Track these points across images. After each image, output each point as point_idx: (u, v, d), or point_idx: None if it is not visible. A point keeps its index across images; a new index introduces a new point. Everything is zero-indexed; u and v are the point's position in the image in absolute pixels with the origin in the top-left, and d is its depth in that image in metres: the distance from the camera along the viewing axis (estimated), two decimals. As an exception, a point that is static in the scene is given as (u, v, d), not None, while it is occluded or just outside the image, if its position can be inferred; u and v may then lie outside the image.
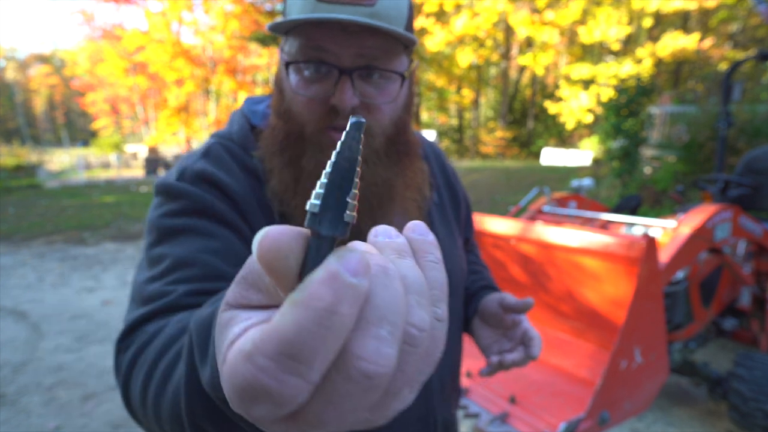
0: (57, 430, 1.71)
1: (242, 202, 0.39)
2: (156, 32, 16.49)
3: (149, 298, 0.34)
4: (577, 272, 1.08)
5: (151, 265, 0.37)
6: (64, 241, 5.03)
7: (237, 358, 0.13)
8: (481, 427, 0.82)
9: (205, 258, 0.35)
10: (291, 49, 0.37)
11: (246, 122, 0.44)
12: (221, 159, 0.41)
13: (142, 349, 0.32)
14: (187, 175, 0.39)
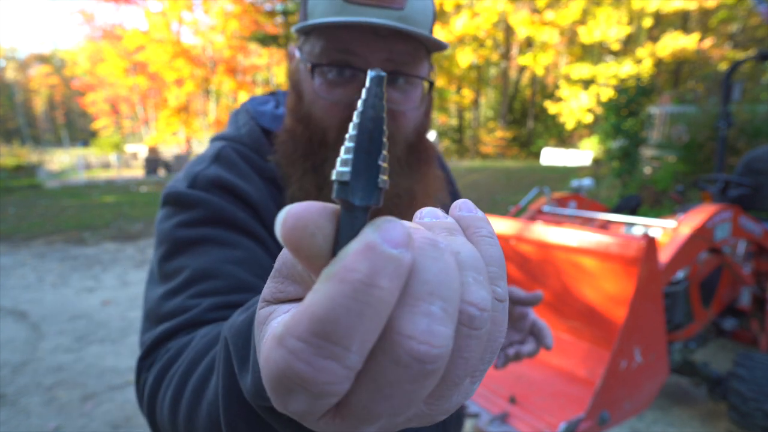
0: (57, 430, 1.71)
1: (262, 210, 0.37)
2: (156, 32, 16.50)
3: (170, 314, 0.32)
4: (577, 272, 1.08)
5: (166, 279, 0.34)
6: (64, 241, 5.03)
7: (269, 345, 0.12)
8: (481, 426, 0.82)
9: (228, 269, 0.33)
10: (313, 50, 0.36)
11: (255, 124, 0.42)
12: (235, 164, 0.38)
13: (168, 366, 0.30)
14: (200, 182, 0.37)
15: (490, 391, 0.94)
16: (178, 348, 0.30)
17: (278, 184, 0.39)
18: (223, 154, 0.39)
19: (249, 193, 0.37)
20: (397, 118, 0.37)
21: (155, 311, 0.34)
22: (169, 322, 0.32)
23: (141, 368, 0.33)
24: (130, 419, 1.78)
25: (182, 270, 0.33)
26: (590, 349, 1.08)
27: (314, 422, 0.13)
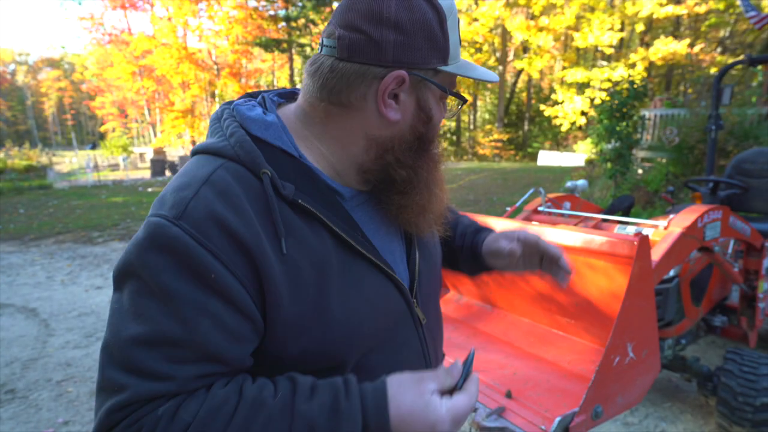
0: (66, 424, 1.72)
1: (251, 247, 0.36)
2: (162, 37, 16.49)
3: (149, 372, 0.33)
4: (572, 271, 1.09)
5: (138, 319, 0.34)
6: (73, 240, 5.08)
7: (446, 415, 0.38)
8: (478, 421, 0.83)
9: (201, 337, 0.34)
10: (445, 81, 0.44)
11: (245, 134, 0.41)
12: (233, 197, 0.37)
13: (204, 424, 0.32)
14: (195, 220, 0.35)
15: (487, 386, 0.95)
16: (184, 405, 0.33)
17: (269, 202, 0.38)
18: (217, 183, 0.37)
19: (240, 234, 0.35)
20: None
21: (125, 354, 0.34)
22: (146, 383, 0.33)
23: (120, 422, 0.33)
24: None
25: (157, 322, 0.34)
26: (584, 346, 1.10)
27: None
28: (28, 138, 30.15)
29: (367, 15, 0.38)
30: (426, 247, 0.52)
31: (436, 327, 0.54)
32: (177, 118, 17.63)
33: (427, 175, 0.45)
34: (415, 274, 0.49)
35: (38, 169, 11.76)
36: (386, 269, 0.44)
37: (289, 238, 0.38)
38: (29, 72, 43.12)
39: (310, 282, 0.39)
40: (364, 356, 0.43)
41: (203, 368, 0.35)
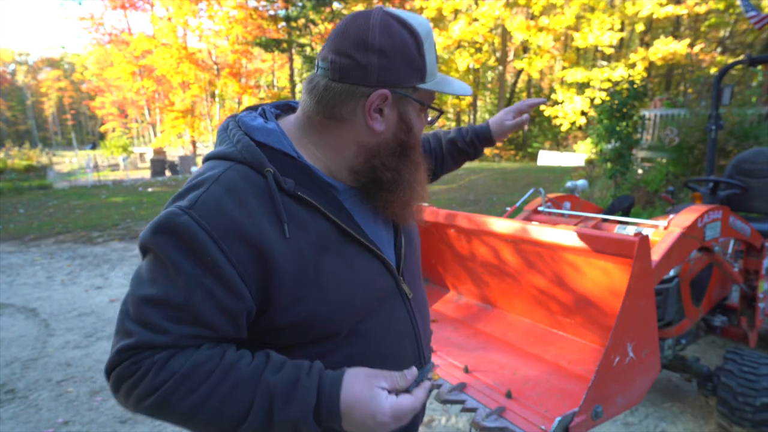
0: (66, 424, 1.72)
1: (256, 240, 0.44)
2: (162, 37, 16.49)
3: (151, 325, 0.42)
4: (572, 270, 1.10)
5: (152, 285, 0.43)
6: (73, 240, 5.09)
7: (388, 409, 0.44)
8: (478, 421, 0.83)
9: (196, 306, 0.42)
10: (423, 96, 0.51)
11: (249, 140, 0.49)
12: (239, 193, 0.45)
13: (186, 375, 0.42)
14: (203, 212, 0.43)
15: (487, 386, 0.95)
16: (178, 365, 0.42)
17: (272, 195, 0.46)
18: (225, 179, 0.46)
19: (242, 224, 0.43)
20: None
21: (137, 309, 0.43)
22: (147, 334, 0.42)
23: (125, 361, 0.42)
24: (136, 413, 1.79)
25: (163, 288, 0.42)
26: (584, 346, 1.10)
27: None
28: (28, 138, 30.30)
29: (355, 43, 0.46)
30: (409, 234, 0.62)
31: (422, 303, 0.63)
32: (177, 118, 17.64)
33: (408, 176, 0.53)
34: (401, 257, 0.58)
35: (38, 169, 11.81)
36: (376, 251, 0.52)
37: (291, 224, 0.46)
38: (29, 72, 43.27)
39: (309, 260, 0.47)
40: (357, 323, 0.51)
41: (194, 330, 0.43)
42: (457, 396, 0.94)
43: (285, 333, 0.48)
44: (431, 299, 1.54)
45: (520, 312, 1.28)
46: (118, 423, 1.74)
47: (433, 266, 1.56)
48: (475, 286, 1.41)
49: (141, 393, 0.42)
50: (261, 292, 0.45)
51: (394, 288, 0.55)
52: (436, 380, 1.00)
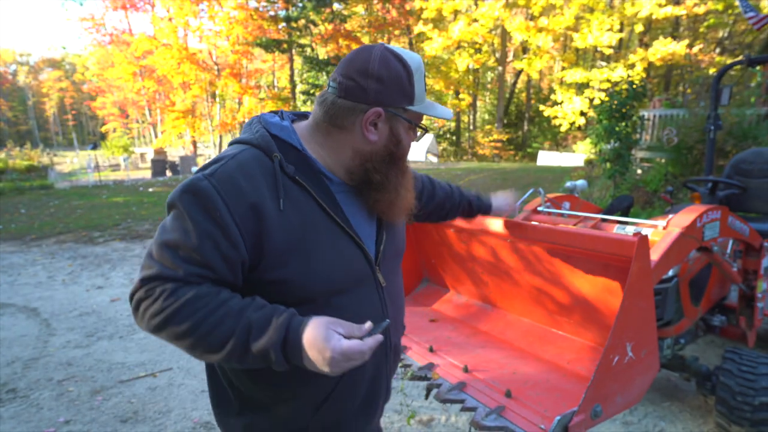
0: (67, 423, 1.73)
1: (256, 205, 0.56)
2: (163, 37, 16.48)
3: (167, 262, 0.53)
4: (571, 270, 1.10)
5: (173, 231, 0.54)
6: (74, 240, 5.11)
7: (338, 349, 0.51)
8: (477, 420, 0.83)
9: (203, 253, 0.54)
10: (412, 116, 0.64)
11: (266, 131, 0.62)
12: (248, 168, 0.57)
13: (188, 302, 0.52)
14: (219, 179, 0.55)
15: (487, 386, 0.96)
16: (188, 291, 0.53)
17: (275, 175, 0.58)
18: (240, 157, 0.58)
19: (246, 191, 0.55)
20: None
21: (158, 250, 0.54)
22: (164, 269, 0.53)
23: (145, 287, 0.53)
24: (137, 412, 1.81)
25: (180, 234, 0.54)
26: (583, 345, 1.10)
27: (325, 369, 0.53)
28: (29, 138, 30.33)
29: (358, 70, 0.59)
30: (393, 235, 0.72)
31: (396, 296, 0.72)
32: (178, 118, 17.63)
33: (395, 180, 0.65)
34: (380, 250, 0.68)
35: (39, 170, 11.88)
36: (356, 238, 0.63)
37: (286, 200, 0.58)
38: (30, 72, 43.36)
39: (298, 233, 0.58)
40: (332, 297, 0.61)
41: (200, 270, 0.54)
42: (456, 395, 0.94)
43: (269, 290, 0.57)
44: (431, 299, 1.54)
45: (519, 312, 1.29)
46: (119, 422, 1.74)
47: (433, 266, 1.56)
48: (475, 285, 1.41)
49: (152, 312, 0.52)
50: (254, 247, 0.55)
51: (370, 275, 0.65)
52: (436, 379, 1.00)
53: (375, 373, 0.68)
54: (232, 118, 19.15)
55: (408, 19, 17.54)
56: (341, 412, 0.65)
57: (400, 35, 19.32)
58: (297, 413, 0.63)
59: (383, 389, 0.71)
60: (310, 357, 0.52)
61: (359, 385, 0.66)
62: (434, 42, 15.11)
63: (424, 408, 1.77)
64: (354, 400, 0.66)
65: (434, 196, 0.97)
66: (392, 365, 0.73)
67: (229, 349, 0.52)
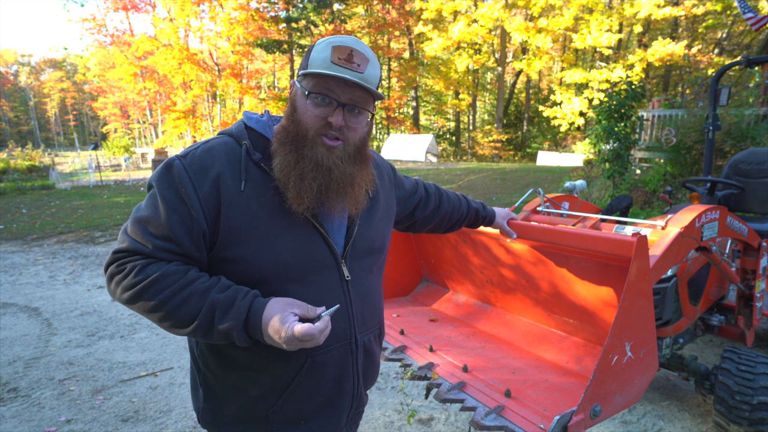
0: (68, 422, 1.73)
1: (221, 180, 0.60)
2: (164, 38, 16.47)
3: (138, 237, 0.58)
4: (570, 270, 1.11)
5: (146, 209, 0.59)
6: (75, 240, 5.11)
7: (295, 331, 0.55)
8: (477, 419, 0.83)
9: (171, 229, 0.58)
10: (308, 84, 0.62)
11: (243, 124, 0.67)
12: (216, 153, 0.63)
13: (157, 279, 0.56)
14: (190, 160, 0.61)
15: (487, 386, 0.96)
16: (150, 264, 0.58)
17: (241, 159, 0.63)
18: (212, 143, 0.64)
19: (211, 172, 0.60)
20: (350, 130, 0.64)
21: (131, 225, 0.59)
22: (135, 243, 0.58)
23: (117, 261, 0.58)
24: (138, 412, 1.81)
25: (151, 211, 0.59)
26: (583, 345, 1.11)
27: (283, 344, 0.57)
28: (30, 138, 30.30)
29: None
30: (368, 231, 0.72)
31: (366, 293, 0.72)
32: (178, 118, 17.61)
33: (293, 162, 0.64)
34: (349, 244, 0.68)
35: (41, 170, 11.86)
36: (318, 227, 0.65)
37: (249, 182, 0.62)
38: (32, 73, 43.36)
39: (255, 213, 0.61)
40: (288, 283, 0.63)
41: (167, 245, 0.58)
42: (456, 395, 0.94)
43: (227, 269, 0.61)
44: (431, 299, 1.55)
45: (518, 311, 1.29)
46: (120, 421, 1.74)
47: (433, 266, 1.56)
48: (475, 285, 1.42)
49: (124, 287, 0.56)
50: (214, 222, 0.60)
51: (333, 264, 0.66)
52: (436, 379, 1.01)
53: (340, 372, 0.67)
54: (233, 119, 19.13)
55: (408, 19, 17.55)
56: (302, 407, 0.66)
57: (399, 36, 19.34)
58: (258, 402, 0.65)
59: (350, 392, 0.69)
60: (270, 335, 0.56)
61: (322, 380, 0.66)
62: (434, 42, 15.13)
63: (424, 407, 1.77)
64: (316, 395, 0.66)
65: (440, 208, 0.97)
66: (363, 366, 0.71)
67: (195, 326, 0.56)
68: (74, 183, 10.75)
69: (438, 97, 20.46)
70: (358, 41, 0.62)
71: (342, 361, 0.67)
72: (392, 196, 0.82)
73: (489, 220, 1.09)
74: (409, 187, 0.91)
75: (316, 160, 0.61)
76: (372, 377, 0.76)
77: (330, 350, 0.66)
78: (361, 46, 0.62)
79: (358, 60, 0.61)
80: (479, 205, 1.07)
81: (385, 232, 0.77)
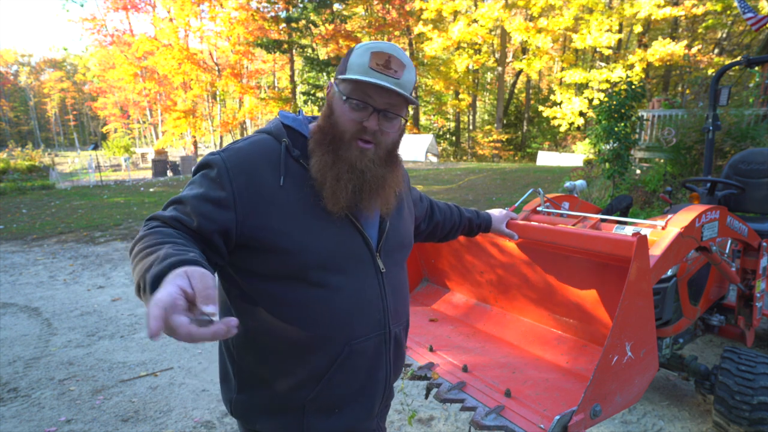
0: (68, 422, 1.73)
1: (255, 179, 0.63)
2: (164, 38, 16.49)
3: (171, 211, 0.62)
4: (570, 270, 1.11)
5: (185, 190, 0.64)
6: (75, 240, 5.12)
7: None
8: (477, 419, 0.83)
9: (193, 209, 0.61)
10: (346, 89, 0.64)
11: (280, 122, 0.70)
12: (256, 149, 0.66)
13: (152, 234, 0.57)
14: (229, 155, 0.64)
15: (487, 385, 0.96)
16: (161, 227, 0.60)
17: (280, 156, 0.65)
18: (252, 140, 0.67)
19: (249, 168, 0.63)
20: (384, 135, 0.65)
21: (170, 201, 0.64)
22: (162, 213, 0.62)
23: (150, 218, 0.62)
24: (138, 412, 1.81)
25: (188, 192, 0.63)
26: (583, 345, 1.11)
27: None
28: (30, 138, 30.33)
29: None
30: (397, 227, 0.75)
31: (398, 287, 0.74)
32: (179, 118, 17.61)
33: (330, 162, 0.67)
34: (382, 239, 0.71)
35: (41, 170, 11.89)
36: (354, 222, 0.67)
37: (288, 178, 0.64)
38: (32, 73, 43.48)
39: (294, 206, 0.63)
40: (330, 274, 0.64)
41: (184, 218, 0.60)
42: (456, 395, 0.94)
43: (268, 259, 0.62)
44: (431, 299, 1.55)
45: (519, 311, 1.29)
46: (120, 421, 1.74)
47: (433, 266, 1.56)
48: (474, 285, 1.42)
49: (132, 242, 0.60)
50: (248, 215, 0.61)
51: (369, 258, 0.68)
52: (436, 379, 1.01)
53: (374, 362, 0.68)
54: (233, 118, 19.12)
55: (408, 19, 17.56)
56: (338, 395, 0.66)
57: (400, 36, 19.34)
58: (295, 391, 0.65)
59: (383, 382, 0.71)
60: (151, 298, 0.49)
61: (357, 368, 0.67)
62: (434, 42, 15.14)
63: (424, 407, 1.78)
64: (351, 383, 0.67)
65: (432, 218, 0.98)
66: (393, 357, 0.72)
67: (136, 285, 0.52)
68: (74, 183, 10.78)
69: (438, 97, 20.47)
70: (395, 47, 0.64)
71: (377, 351, 0.69)
72: (410, 199, 0.85)
73: (485, 227, 1.09)
74: (415, 195, 0.93)
75: (351, 162, 0.63)
76: (400, 368, 0.77)
77: (368, 339, 0.67)
78: (398, 52, 0.64)
79: (395, 66, 0.62)
80: (472, 214, 1.06)
81: (410, 230, 0.80)
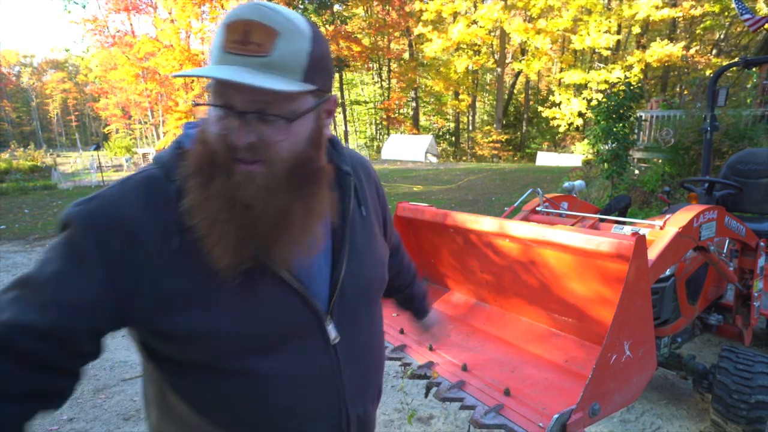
0: (70, 421, 1.74)
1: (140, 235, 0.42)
2: (165, 39, 16.50)
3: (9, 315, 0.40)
4: (569, 270, 1.11)
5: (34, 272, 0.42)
6: None
7: None
8: (476, 418, 0.84)
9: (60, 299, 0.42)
10: (210, 90, 0.42)
11: (176, 147, 0.47)
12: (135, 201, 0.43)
13: None
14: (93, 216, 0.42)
15: (486, 384, 0.97)
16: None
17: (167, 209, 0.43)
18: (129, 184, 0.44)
19: (127, 225, 0.42)
20: (270, 147, 0.42)
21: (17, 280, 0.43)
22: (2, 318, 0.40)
23: None
24: (140, 410, 1.83)
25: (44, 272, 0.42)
26: (581, 344, 1.11)
27: None
28: (32, 139, 30.26)
29: None
30: (360, 263, 0.51)
31: (363, 349, 0.52)
32: (180, 119, 17.58)
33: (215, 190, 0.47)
34: (336, 291, 0.49)
35: (43, 170, 11.87)
36: (290, 281, 0.45)
37: (185, 235, 0.43)
38: (34, 74, 43.44)
39: (195, 273, 0.43)
40: (248, 359, 0.45)
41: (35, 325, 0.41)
42: (455, 394, 0.95)
43: (172, 347, 0.44)
44: (431, 298, 1.54)
45: (518, 311, 1.29)
46: (122, 420, 1.74)
47: (433, 266, 1.57)
48: (474, 285, 1.42)
49: None
50: (130, 284, 0.42)
51: (314, 325, 0.48)
52: (435, 378, 1.01)
53: None
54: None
55: (408, 20, 17.58)
56: None
57: (399, 37, 19.37)
58: None
59: None
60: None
61: None
62: (434, 44, 15.17)
63: (423, 406, 1.78)
64: None
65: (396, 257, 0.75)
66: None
67: None
68: (76, 183, 10.72)
69: (438, 97, 20.48)
70: (262, 5, 0.40)
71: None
72: (388, 213, 0.63)
73: (421, 313, 0.85)
74: (389, 217, 0.66)
75: (228, 196, 0.41)
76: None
77: (316, 430, 0.48)
78: (264, 13, 0.39)
79: (258, 38, 0.38)
80: (420, 293, 0.83)
81: (384, 261, 0.57)
